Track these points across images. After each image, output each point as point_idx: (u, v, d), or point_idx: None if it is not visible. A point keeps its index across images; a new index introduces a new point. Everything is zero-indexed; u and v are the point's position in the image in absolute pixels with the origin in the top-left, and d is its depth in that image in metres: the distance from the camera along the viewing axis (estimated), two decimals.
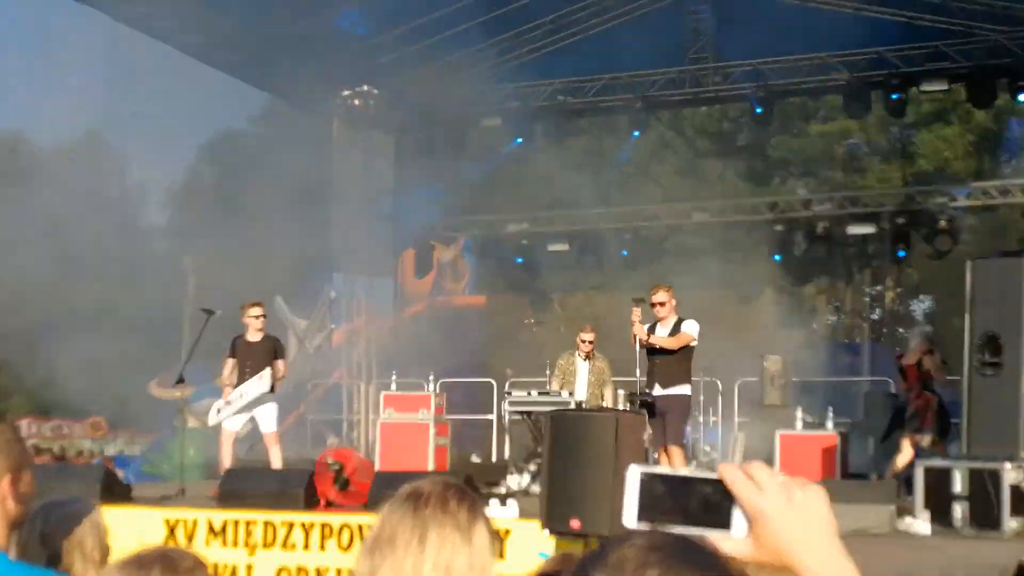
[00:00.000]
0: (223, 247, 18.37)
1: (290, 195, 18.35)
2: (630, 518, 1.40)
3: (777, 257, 20.60)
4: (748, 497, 1.38)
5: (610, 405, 12.74)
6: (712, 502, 1.40)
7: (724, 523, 1.39)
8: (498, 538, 2.38)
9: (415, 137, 20.84)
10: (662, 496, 1.40)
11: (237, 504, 9.77)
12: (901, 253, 19.70)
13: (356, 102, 20.49)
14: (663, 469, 1.41)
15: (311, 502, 10.13)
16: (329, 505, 10.41)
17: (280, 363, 12.07)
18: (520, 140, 20.56)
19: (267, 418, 11.91)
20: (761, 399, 15.82)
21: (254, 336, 12.00)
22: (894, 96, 18.02)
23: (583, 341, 13.18)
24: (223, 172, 25.12)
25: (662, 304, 10.97)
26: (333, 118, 20.64)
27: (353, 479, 10.55)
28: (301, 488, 10.09)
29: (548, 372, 13.60)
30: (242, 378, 11.80)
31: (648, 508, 1.40)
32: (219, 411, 11.82)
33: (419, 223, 21.30)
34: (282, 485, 10.25)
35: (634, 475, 1.41)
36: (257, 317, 12.00)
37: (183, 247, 21.77)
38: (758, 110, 19.04)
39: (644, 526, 1.39)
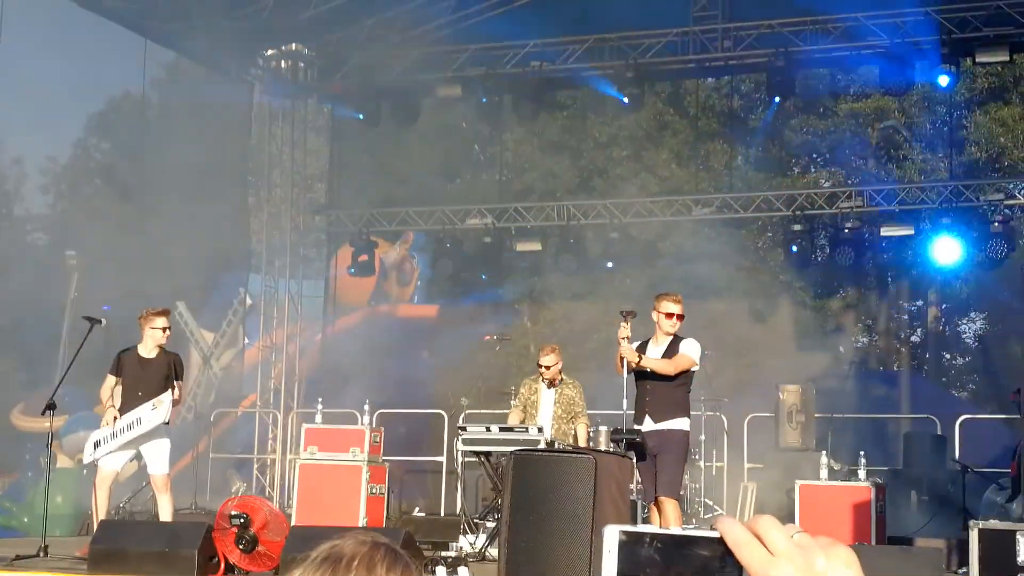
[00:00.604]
0: (114, 241, 18.11)
1: (199, 178, 18.15)
2: None
3: (796, 263, 20.34)
4: (757, 564, 1.34)
5: (582, 444, 12.42)
6: (711, 570, 1.36)
7: None
8: None
9: (356, 109, 20.53)
10: (648, 563, 1.37)
11: (113, 567, 9.64)
12: (945, 261, 19.50)
13: (283, 64, 20.25)
14: (649, 528, 1.38)
15: (207, 566, 9.95)
16: (231, 570, 10.20)
17: (178, 385, 11.82)
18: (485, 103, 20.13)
19: (158, 457, 11.65)
20: (777, 440, 15.56)
21: (149, 351, 11.76)
22: (942, 68, 17.82)
23: (542, 366, 12.99)
24: (117, 147, 24.84)
25: (681, 318, 10.73)
26: (254, 84, 20.35)
27: (262, 536, 10.25)
28: (195, 548, 9.86)
29: (513, 402, 13.42)
30: (130, 403, 11.54)
31: None
32: (98, 446, 11.51)
33: (358, 214, 20.99)
34: (171, 543, 10.02)
35: (612, 537, 1.38)
36: (163, 330, 11.81)
37: (65, 240, 21.55)
38: (777, 82, 18.76)
39: None
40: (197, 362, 19.26)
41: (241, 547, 10.16)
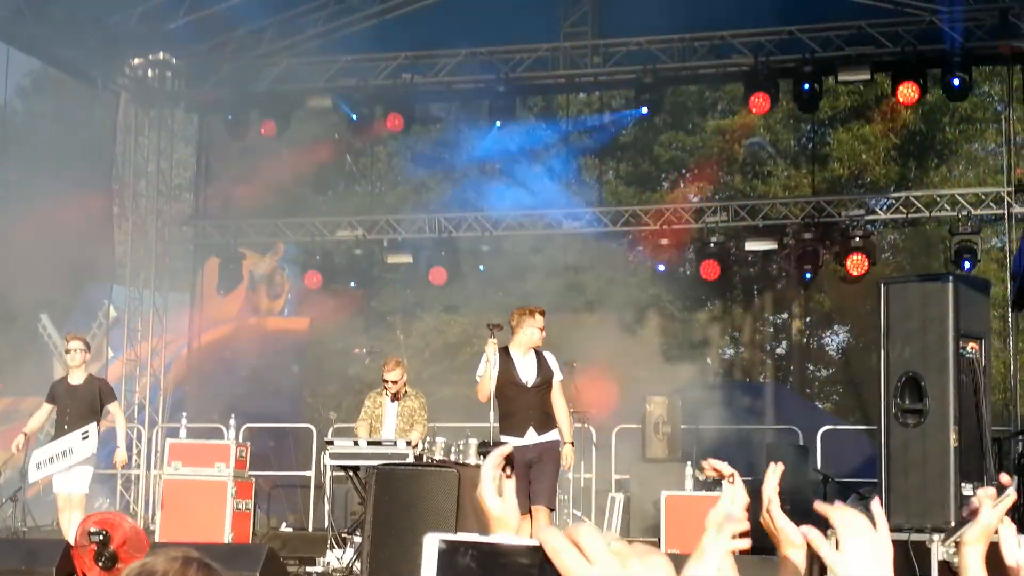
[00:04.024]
0: None
1: (63, 186, 17.78)
2: None
3: (664, 277, 20.52)
4: (574, 570, 1.35)
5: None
6: None
7: None
8: None
9: (224, 119, 20.26)
10: (465, 571, 1.38)
11: None
12: (808, 275, 19.77)
13: (149, 73, 19.93)
14: (468, 537, 1.39)
15: None
16: None
17: (112, 407, 12.52)
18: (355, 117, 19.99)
19: (80, 477, 12.17)
20: (643, 451, 15.66)
21: (75, 378, 12.32)
22: (806, 86, 18.02)
23: (387, 381, 13.06)
24: None
25: (542, 330, 10.96)
26: (120, 93, 19.99)
27: (122, 553, 10.03)
28: (52, 565, 9.83)
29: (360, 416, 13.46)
30: (60, 430, 12.17)
31: None
32: (40, 467, 12.16)
33: (227, 225, 20.71)
34: (28, 561, 9.99)
35: (431, 546, 1.39)
36: (74, 352, 12.34)
37: None
38: (644, 99, 18.87)
39: None
40: (60, 374, 18.85)
41: (100, 564, 9.94)
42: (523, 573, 1.38)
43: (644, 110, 19.11)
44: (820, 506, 2.24)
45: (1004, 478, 2.66)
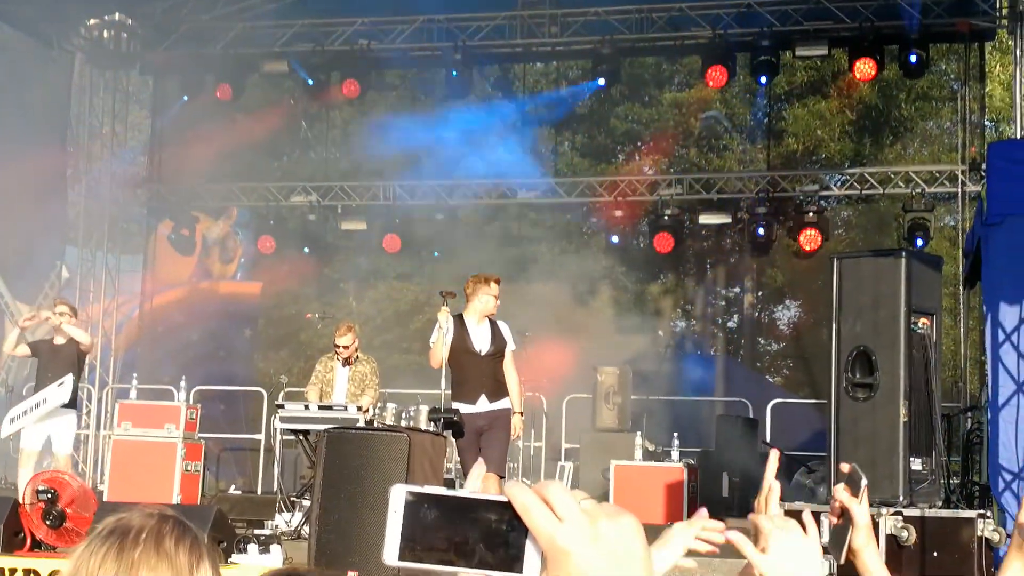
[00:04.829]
0: None
1: (17, 146, 17.61)
2: (391, 554, 1.36)
3: (617, 248, 20.56)
4: (544, 527, 1.34)
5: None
6: (498, 534, 1.36)
7: (512, 561, 1.35)
8: None
9: (179, 82, 20.13)
10: (434, 526, 1.35)
11: None
12: (762, 249, 19.87)
13: (105, 34, 19.77)
14: (437, 490, 1.36)
15: (13, 541, 9.77)
16: (37, 546, 9.97)
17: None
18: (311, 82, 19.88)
19: (63, 435, 12.64)
20: (594, 421, 15.70)
21: (60, 339, 12.83)
22: (763, 60, 18.07)
23: (339, 346, 13.13)
24: None
25: (497, 298, 11.01)
26: (75, 54, 19.82)
27: (70, 512, 9.97)
28: (0, 523, 9.67)
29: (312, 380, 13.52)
30: (41, 385, 12.64)
31: (414, 541, 1.35)
32: (12, 421, 12.49)
33: (180, 189, 20.58)
34: None
35: (398, 497, 1.36)
36: (61, 315, 12.85)
37: None
38: (601, 70, 18.86)
39: (409, 566, 1.35)
40: (13, 335, 18.67)
41: (48, 523, 9.92)
42: (491, 528, 1.36)
43: (601, 82, 19.09)
44: (753, 517, 2.29)
45: (844, 467, 2.67)
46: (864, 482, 2.57)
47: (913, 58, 17.41)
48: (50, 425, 12.56)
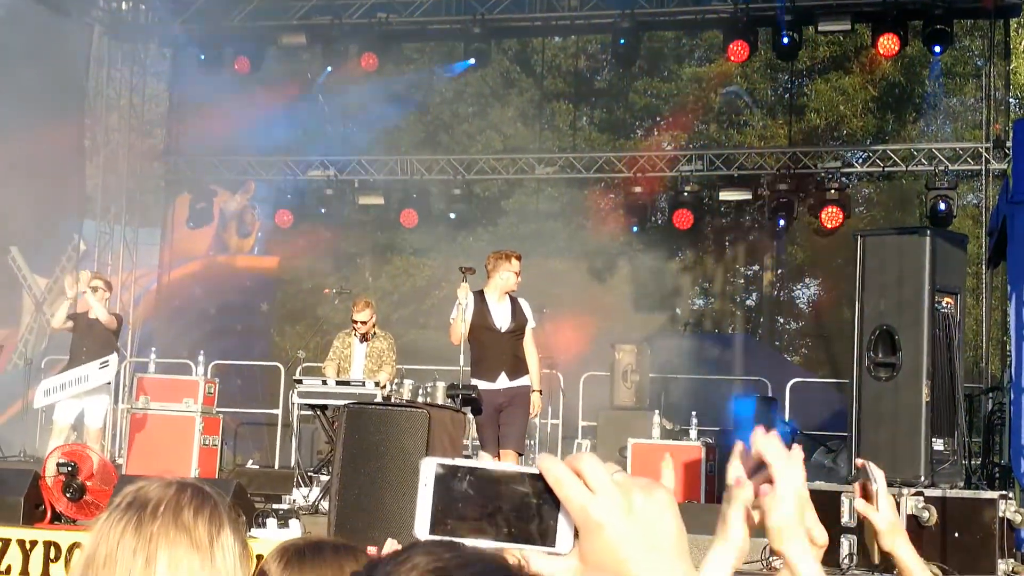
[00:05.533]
0: None
1: (35, 119, 17.66)
2: (422, 527, 1.35)
3: (636, 225, 20.52)
4: (577, 500, 1.33)
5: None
6: (530, 507, 1.35)
7: (544, 534, 1.35)
8: (248, 559, 2.16)
9: (198, 54, 20.11)
10: (465, 498, 1.35)
11: None
12: (782, 225, 19.81)
13: (123, 6, 19.77)
14: (468, 463, 1.35)
15: (34, 513, 9.82)
16: (57, 519, 10.03)
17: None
18: (330, 69, 19.93)
19: (97, 410, 12.65)
20: (611, 399, 15.72)
21: (93, 313, 12.82)
22: (785, 35, 17.98)
23: (356, 322, 13.16)
24: None
25: (518, 275, 11.02)
26: (94, 26, 19.84)
27: (90, 485, 10.05)
28: (21, 496, 9.71)
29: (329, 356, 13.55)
30: (76, 358, 12.62)
31: (446, 514, 1.35)
32: (48, 393, 12.60)
33: (198, 162, 20.62)
34: None
35: (429, 470, 1.35)
36: (98, 290, 12.83)
37: None
38: (622, 42, 18.78)
39: (439, 538, 1.35)
40: (30, 308, 18.80)
41: (68, 495, 9.99)
42: (521, 501, 1.35)
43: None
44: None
45: (859, 461, 2.62)
46: (877, 485, 2.48)
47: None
48: (84, 399, 12.63)
